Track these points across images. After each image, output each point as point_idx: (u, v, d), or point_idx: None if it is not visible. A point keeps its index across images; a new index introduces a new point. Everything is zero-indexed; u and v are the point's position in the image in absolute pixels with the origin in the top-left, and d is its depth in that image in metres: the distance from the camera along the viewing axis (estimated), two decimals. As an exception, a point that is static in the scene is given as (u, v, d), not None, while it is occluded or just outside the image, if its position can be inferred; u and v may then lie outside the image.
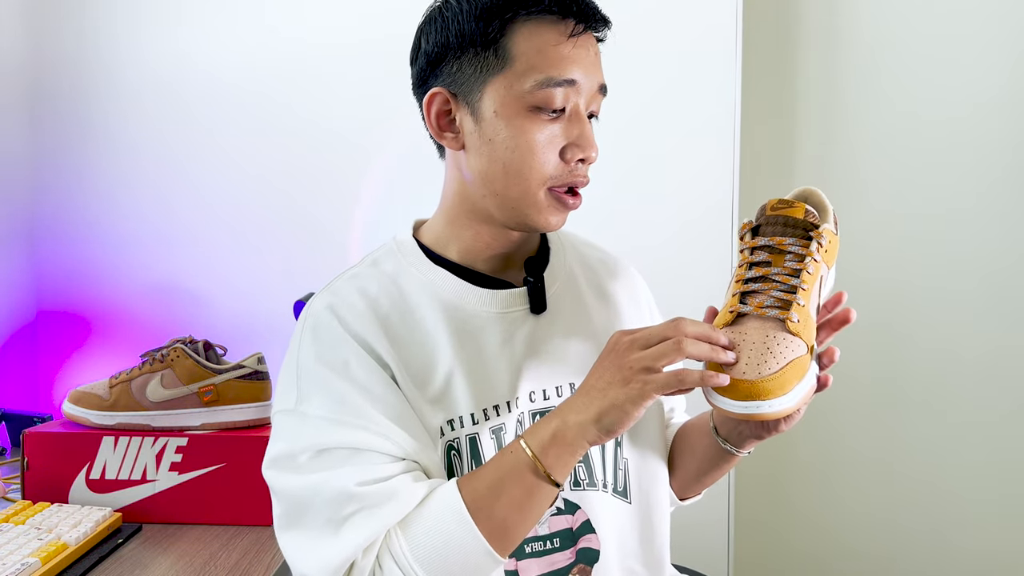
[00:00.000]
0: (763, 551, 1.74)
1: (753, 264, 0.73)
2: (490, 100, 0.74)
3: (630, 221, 1.50)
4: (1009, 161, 1.63)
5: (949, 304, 1.66)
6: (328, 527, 0.69)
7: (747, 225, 0.75)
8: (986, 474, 1.66)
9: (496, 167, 0.75)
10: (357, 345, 0.74)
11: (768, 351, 0.66)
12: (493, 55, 0.73)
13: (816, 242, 0.71)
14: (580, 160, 0.75)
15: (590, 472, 0.80)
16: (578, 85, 0.74)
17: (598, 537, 0.79)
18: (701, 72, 1.50)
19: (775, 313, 0.69)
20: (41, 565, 0.86)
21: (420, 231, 0.85)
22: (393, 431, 0.71)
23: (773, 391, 0.64)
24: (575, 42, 0.73)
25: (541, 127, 0.73)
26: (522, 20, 0.73)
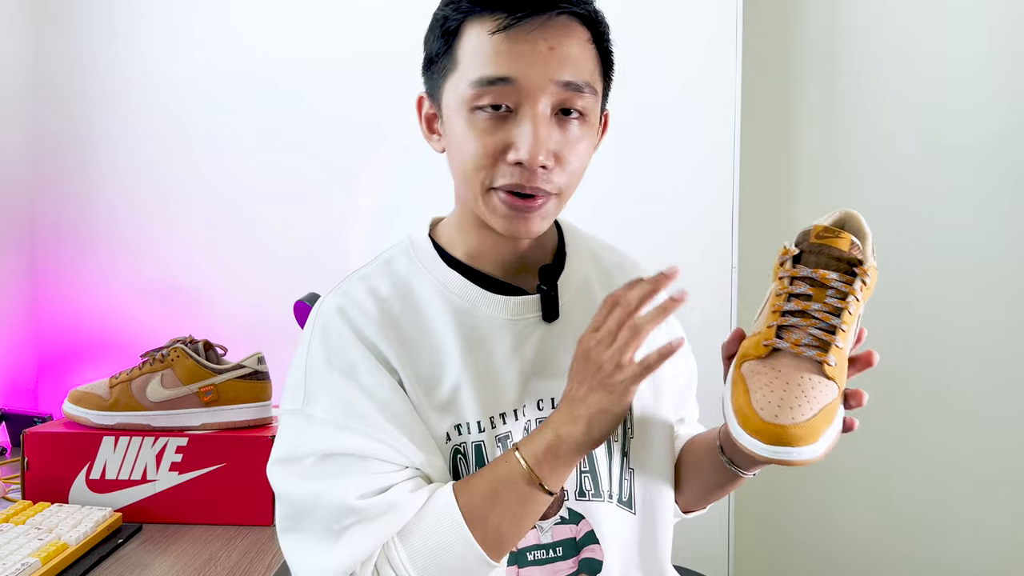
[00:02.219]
0: (763, 551, 1.74)
1: (792, 296, 0.69)
2: (447, 101, 0.74)
3: (630, 221, 1.50)
4: (1010, 160, 1.63)
5: (950, 304, 1.66)
6: (327, 536, 0.69)
7: (788, 252, 0.71)
8: (987, 474, 1.66)
9: (455, 169, 0.76)
10: (366, 349, 0.74)
11: (803, 394, 0.64)
12: (448, 58, 0.73)
13: (861, 280, 0.68)
14: (518, 163, 0.70)
15: (596, 483, 0.79)
16: (517, 83, 0.69)
17: (602, 548, 0.78)
18: (701, 73, 1.50)
19: (812, 354, 0.66)
20: (41, 565, 0.86)
21: (436, 230, 0.84)
22: (397, 439, 0.71)
23: (804, 438, 0.62)
24: (510, 37, 0.69)
25: (478, 127, 0.71)
26: (467, 21, 0.71)
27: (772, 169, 1.70)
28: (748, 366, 0.67)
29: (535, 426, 0.78)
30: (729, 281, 1.50)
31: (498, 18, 0.69)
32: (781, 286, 0.70)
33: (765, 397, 0.64)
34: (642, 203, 1.51)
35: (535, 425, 0.78)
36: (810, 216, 0.71)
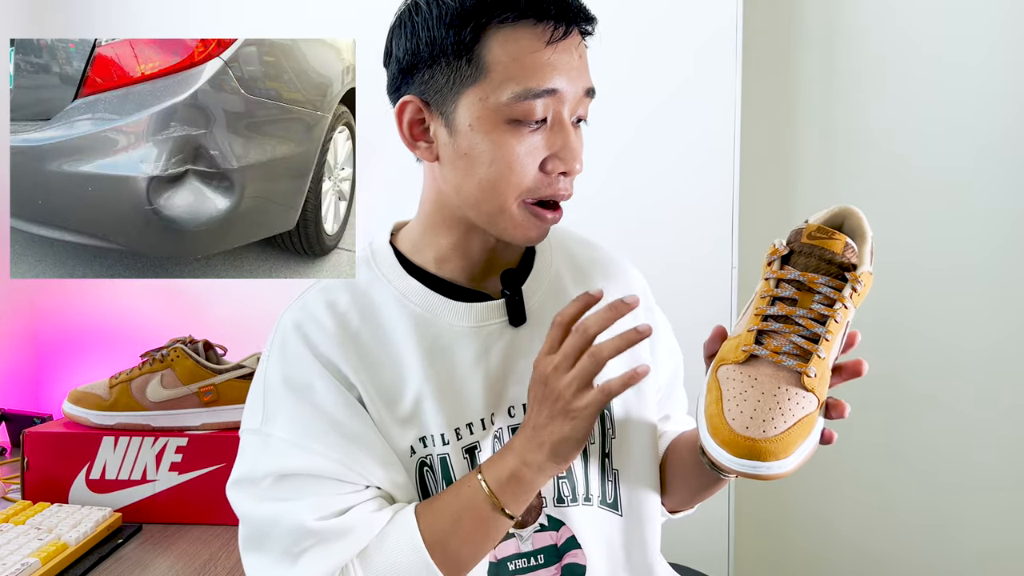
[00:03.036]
0: (764, 550, 1.74)
1: (777, 299, 0.65)
2: (465, 112, 0.69)
3: (629, 222, 1.50)
4: (1010, 158, 1.63)
5: (951, 301, 1.66)
6: (286, 558, 0.69)
7: (777, 251, 0.67)
8: (988, 472, 1.66)
9: (471, 181, 0.72)
10: (323, 367, 0.73)
11: (777, 406, 0.61)
12: (467, 64, 0.68)
13: (851, 287, 0.64)
14: (562, 173, 0.71)
15: (574, 488, 0.78)
16: (560, 94, 0.69)
17: (584, 552, 0.78)
18: (701, 73, 1.50)
19: (792, 364, 0.62)
20: (41, 565, 0.86)
21: (398, 236, 0.83)
22: (356, 458, 0.70)
23: (774, 453, 0.59)
24: (555, 48, 0.68)
25: (520, 140, 0.69)
26: (496, 26, 0.68)
27: (772, 169, 1.70)
28: (724, 371, 0.65)
29: (507, 435, 0.77)
30: (729, 281, 1.50)
31: (550, 28, 0.68)
32: (766, 288, 0.66)
33: (738, 407, 0.61)
34: (642, 203, 1.51)
35: (507, 434, 0.77)
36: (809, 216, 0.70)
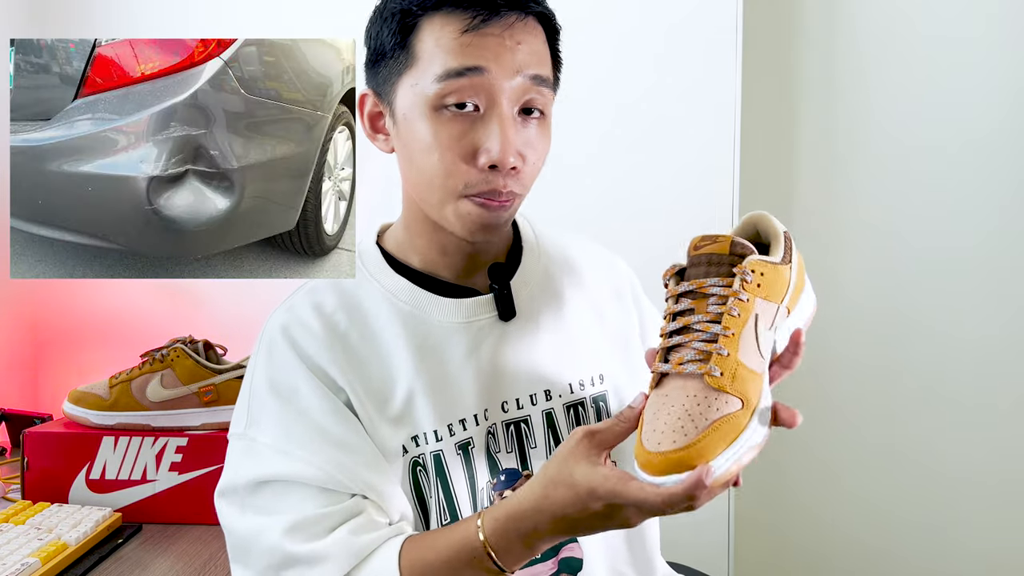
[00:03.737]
0: (763, 550, 1.74)
1: (676, 315, 0.64)
2: (401, 100, 0.71)
3: (629, 222, 1.50)
4: (1010, 157, 1.63)
5: (949, 299, 1.66)
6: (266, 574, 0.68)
7: (670, 270, 0.66)
8: (988, 469, 1.66)
9: (413, 173, 0.72)
10: (309, 371, 0.72)
11: (687, 414, 0.58)
12: (403, 53, 0.70)
13: (740, 279, 0.61)
14: (492, 166, 0.68)
15: None
16: (487, 74, 0.67)
17: (580, 546, 0.77)
18: (701, 73, 1.50)
19: (693, 368, 0.60)
20: (41, 565, 0.86)
21: (384, 237, 0.83)
22: (340, 464, 0.69)
23: (694, 459, 0.55)
24: (478, 33, 0.67)
25: (444, 127, 0.68)
26: (428, 16, 0.69)
27: (772, 169, 1.70)
28: (647, 403, 0.63)
29: (502, 429, 0.76)
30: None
31: (468, 16, 0.67)
32: (667, 308, 0.65)
33: (651, 428, 0.59)
34: (642, 203, 1.51)
35: (501, 428, 0.76)
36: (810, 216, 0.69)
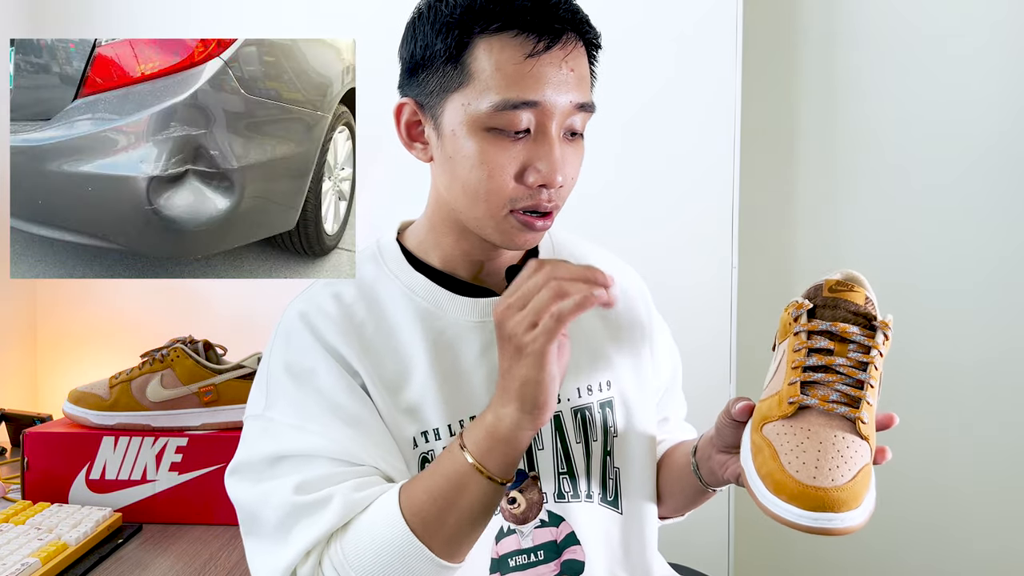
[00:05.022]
0: (764, 550, 1.74)
1: (812, 350, 0.64)
2: (450, 116, 0.71)
3: (630, 222, 1.50)
4: (1009, 160, 1.63)
5: (950, 302, 1.66)
6: (276, 535, 0.69)
7: (801, 305, 0.67)
8: (987, 472, 1.66)
9: (457, 186, 0.73)
10: (327, 353, 0.73)
11: (839, 455, 0.58)
12: (454, 70, 0.70)
13: (883, 334, 0.64)
14: (542, 185, 0.70)
15: (575, 484, 0.79)
16: (543, 106, 0.68)
17: (583, 549, 0.78)
18: (701, 73, 1.50)
19: (844, 411, 0.61)
20: (41, 565, 0.86)
21: (405, 234, 0.84)
22: (354, 440, 0.70)
23: (847, 502, 0.55)
24: (538, 60, 0.68)
25: (499, 149, 0.69)
26: (482, 35, 0.68)
27: (772, 169, 1.70)
28: (771, 428, 0.62)
29: None
30: (729, 281, 1.50)
31: (531, 40, 0.68)
32: (799, 341, 0.64)
33: (799, 459, 0.58)
34: (642, 203, 1.51)
35: None
36: (810, 216, 0.70)
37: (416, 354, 0.75)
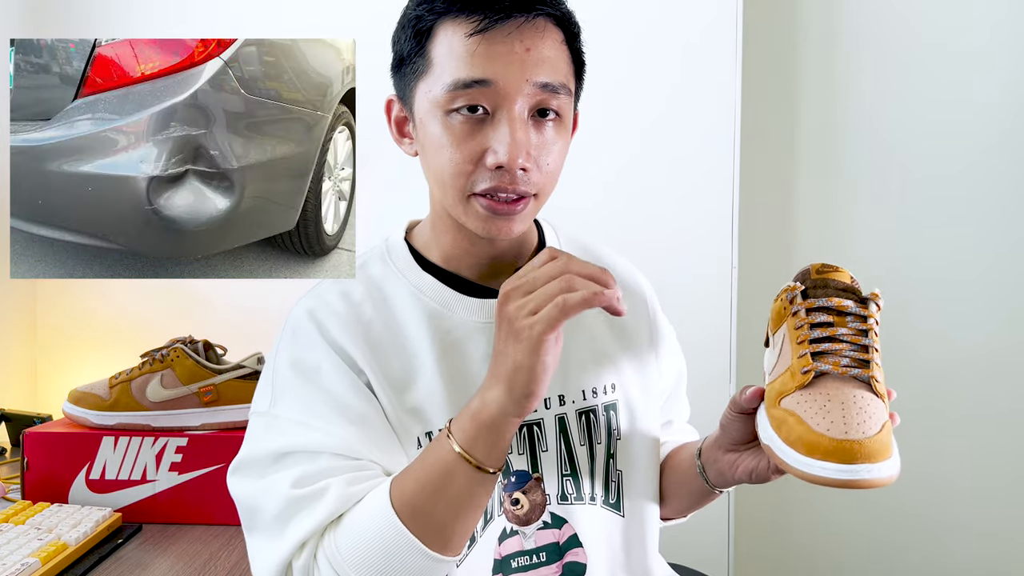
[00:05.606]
0: (764, 550, 1.74)
1: (814, 325, 0.67)
2: (419, 105, 0.73)
3: (630, 222, 1.50)
4: (1010, 159, 1.63)
5: (950, 302, 1.66)
6: (274, 529, 0.69)
7: (794, 287, 0.70)
8: (985, 472, 1.66)
9: (429, 174, 0.75)
10: (332, 351, 0.74)
11: (863, 411, 0.60)
12: (421, 60, 0.71)
13: (875, 304, 0.67)
14: (499, 167, 0.69)
15: (578, 486, 0.79)
16: (495, 85, 0.68)
17: (585, 551, 0.78)
18: (701, 73, 1.50)
19: (857, 372, 0.63)
20: (41, 565, 0.86)
21: (412, 233, 0.84)
22: (358, 438, 0.70)
23: (880, 452, 0.57)
24: (486, 39, 0.68)
25: (459, 133, 0.70)
26: (440, 21, 0.70)
27: (772, 169, 1.70)
28: (790, 400, 0.63)
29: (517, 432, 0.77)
30: (729, 281, 1.50)
31: (474, 20, 0.68)
32: (799, 319, 0.67)
33: (827, 419, 0.59)
34: (642, 203, 1.51)
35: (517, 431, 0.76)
36: (810, 216, 0.70)
37: (423, 354, 0.76)
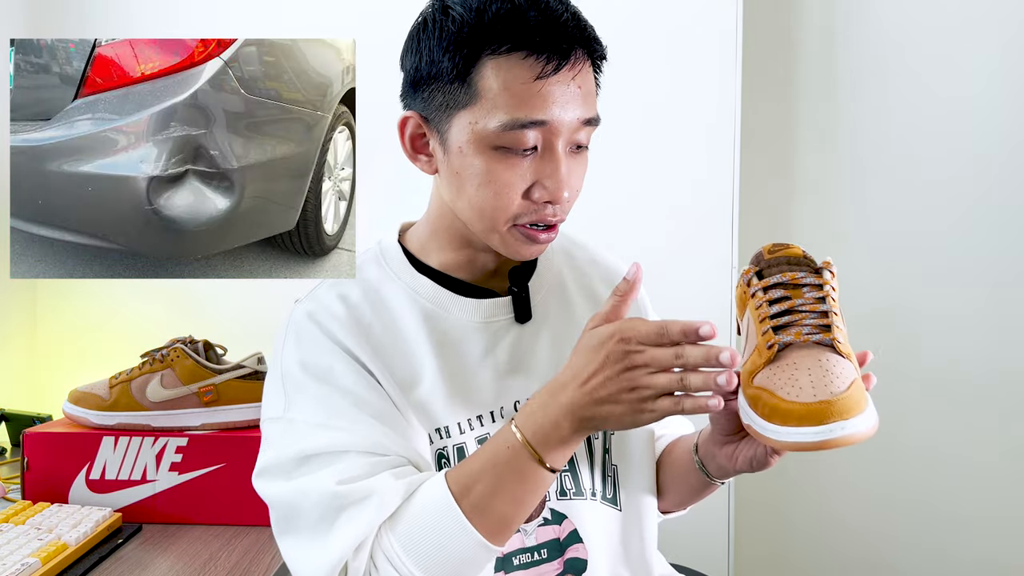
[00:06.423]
0: (764, 550, 1.74)
1: (773, 302, 0.68)
2: (457, 133, 0.71)
3: (630, 222, 1.50)
4: (1011, 159, 1.63)
5: (951, 301, 1.66)
6: (318, 529, 0.68)
7: (750, 270, 0.71)
8: (986, 463, 1.66)
9: (463, 201, 0.73)
10: (340, 350, 0.74)
11: (830, 372, 0.61)
12: (461, 88, 0.69)
13: (828, 271, 0.68)
14: (547, 201, 0.71)
15: (577, 481, 0.80)
16: (550, 124, 0.68)
17: (585, 547, 0.78)
18: (701, 73, 1.50)
19: (819, 337, 0.64)
20: (41, 565, 0.86)
21: (406, 236, 0.84)
22: (385, 434, 0.71)
23: (853, 407, 0.58)
24: (547, 81, 0.68)
25: (506, 167, 0.69)
26: (490, 55, 0.68)
27: (772, 169, 1.70)
28: (761, 376, 0.64)
29: None
30: (729, 281, 1.50)
31: (541, 61, 0.67)
32: (757, 299, 0.69)
33: (795, 387, 0.60)
34: (642, 203, 1.51)
35: None
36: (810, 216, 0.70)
37: (423, 354, 0.76)
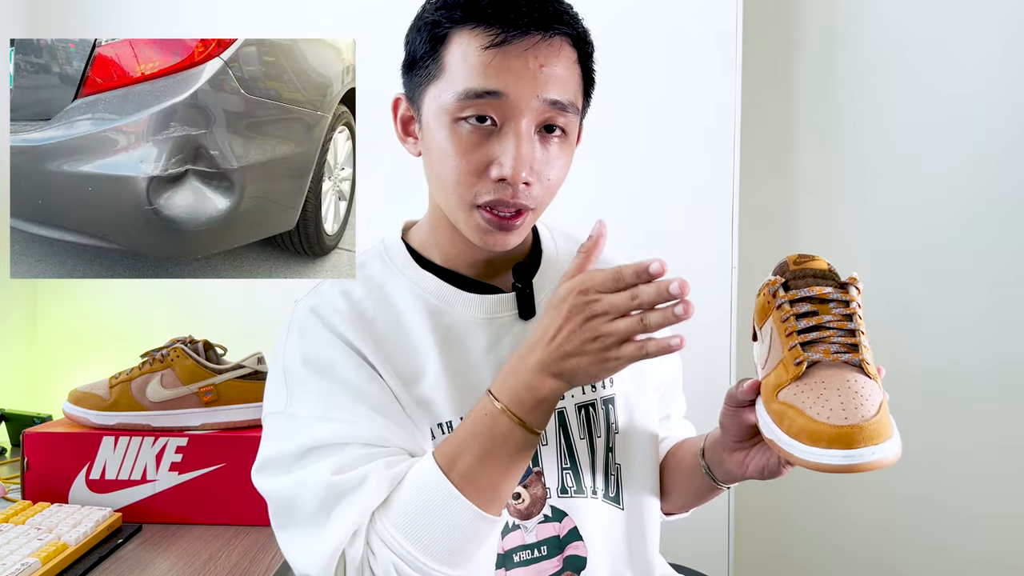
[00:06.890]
0: (764, 550, 1.74)
1: (799, 316, 0.67)
2: (427, 109, 0.73)
3: (630, 222, 1.50)
4: (1011, 159, 1.63)
5: (951, 301, 1.66)
6: (316, 520, 0.68)
7: (775, 281, 0.71)
8: (987, 461, 1.66)
9: (432, 178, 0.75)
10: (343, 345, 0.74)
11: (859, 395, 0.60)
12: (434, 64, 0.72)
13: (854, 288, 0.67)
14: (502, 179, 0.70)
15: (578, 480, 0.80)
16: (506, 98, 0.69)
17: (585, 544, 0.79)
18: (702, 72, 1.50)
19: (848, 357, 0.64)
20: (41, 565, 0.86)
21: (409, 233, 0.85)
22: (386, 427, 0.71)
23: (881, 433, 0.58)
24: (502, 52, 0.68)
25: (461, 140, 0.70)
26: (456, 31, 0.70)
27: (772, 169, 1.70)
28: (786, 392, 0.64)
29: None
30: (729, 281, 1.50)
31: (492, 32, 0.69)
32: (784, 312, 0.68)
33: (825, 407, 0.60)
34: (642, 204, 1.51)
35: None
36: (809, 216, 0.70)
37: (427, 349, 0.76)
